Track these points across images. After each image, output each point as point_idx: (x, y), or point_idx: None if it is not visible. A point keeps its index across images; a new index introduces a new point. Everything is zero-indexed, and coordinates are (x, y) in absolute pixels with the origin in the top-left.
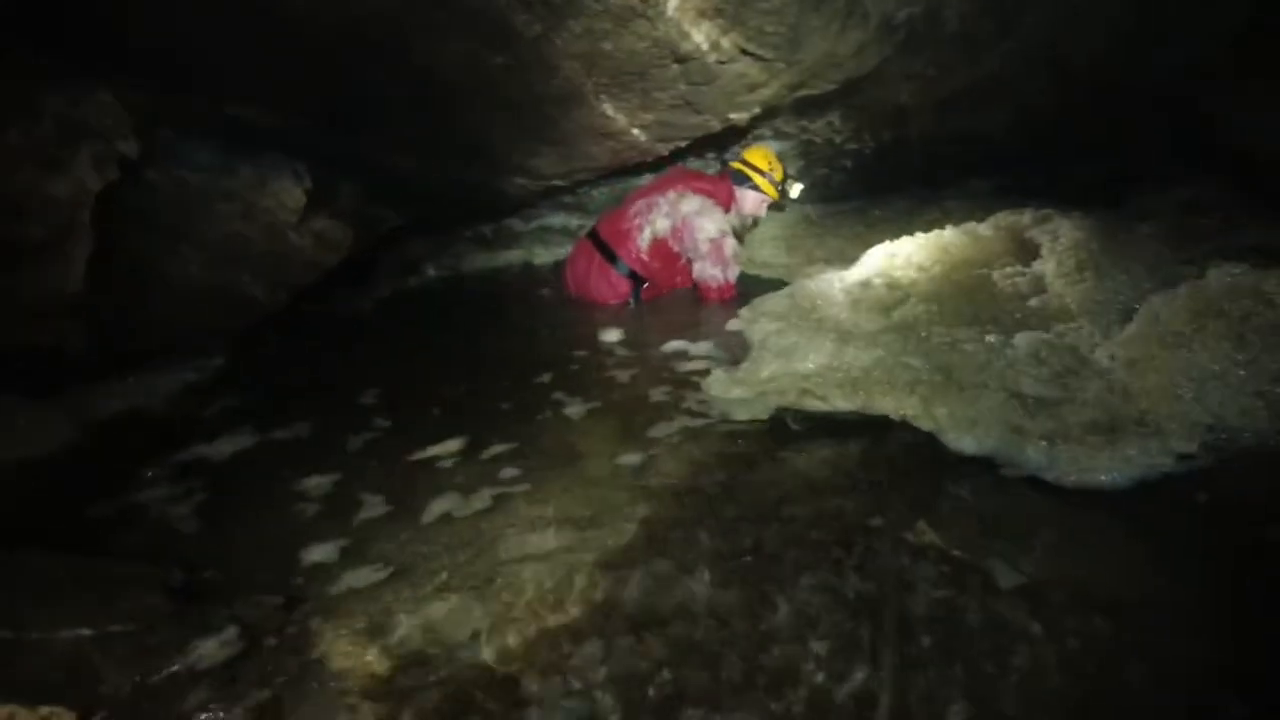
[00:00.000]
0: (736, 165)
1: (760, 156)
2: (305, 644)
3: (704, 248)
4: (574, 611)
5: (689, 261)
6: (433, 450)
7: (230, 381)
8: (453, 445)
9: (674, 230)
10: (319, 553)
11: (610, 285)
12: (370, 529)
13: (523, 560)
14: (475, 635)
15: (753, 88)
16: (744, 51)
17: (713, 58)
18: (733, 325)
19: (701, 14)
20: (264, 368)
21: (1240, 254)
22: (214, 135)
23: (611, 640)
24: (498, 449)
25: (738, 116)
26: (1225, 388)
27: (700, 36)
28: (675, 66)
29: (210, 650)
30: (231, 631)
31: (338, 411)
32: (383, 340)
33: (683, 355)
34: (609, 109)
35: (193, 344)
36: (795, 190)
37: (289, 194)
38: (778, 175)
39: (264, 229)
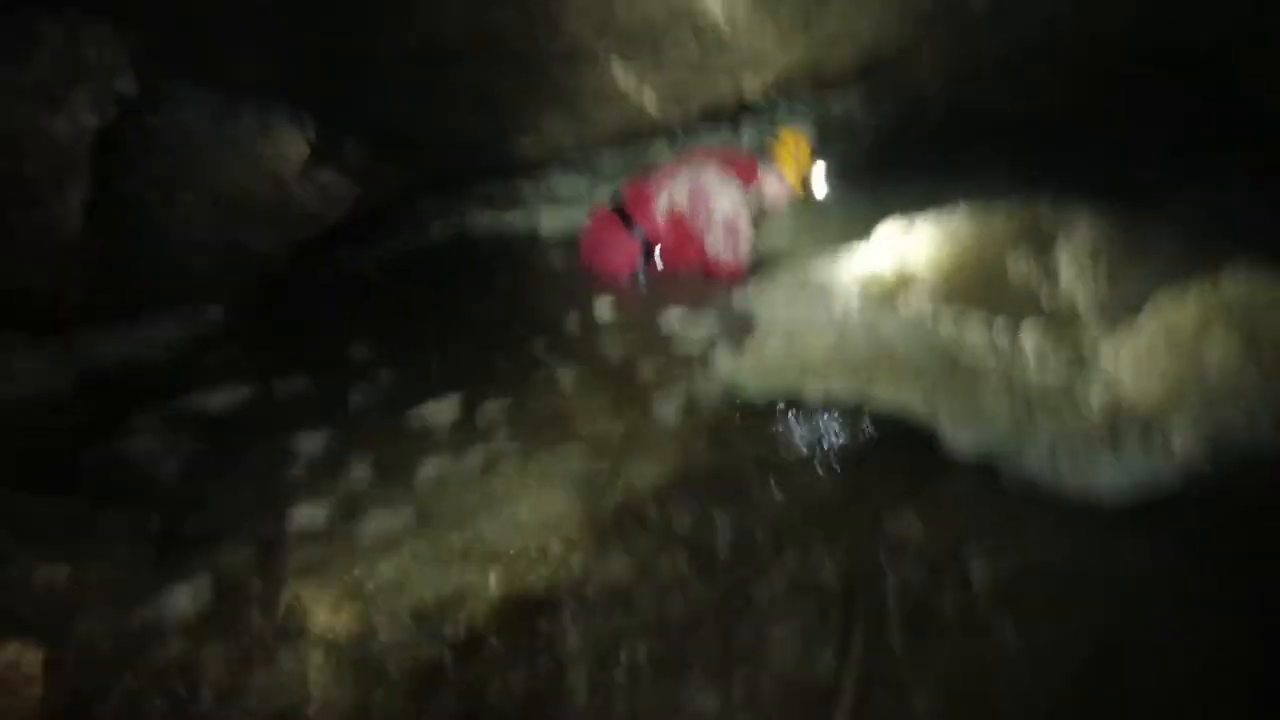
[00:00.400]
0: (770, 141)
1: (791, 139)
2: (279, 600)
3: (719, 223)
4: (549, 582)
5: (701, 237)
6: (428, 410)
7: (229, 334)
8: (447, 406)
9: (690, 199)
10: (302, 510)
11: (621, 248)
12: (357, 489)
13: (504, 528)
14: (451, 600)
15: (767, 60)
16: (760, 23)
17: (728, 28)
18: (739, 303)
19: None
20: (263, 322)
21: (1257, 256)
22: (216, 82)
23: (584, 613)
24: (492, 413)
25: (751, 87)
26: (1231, 394)
27: (716, 5)
28: (689, 33)
29: (184, 598)
30: (205, 581)
31: (334, 369)
32: (383, 299)
33: (686, 329)
34: (619, 72)
35: (194, 294)
36: (819, 188)
37: (292, 143)
38: (805, 165)
39: (267, 179)
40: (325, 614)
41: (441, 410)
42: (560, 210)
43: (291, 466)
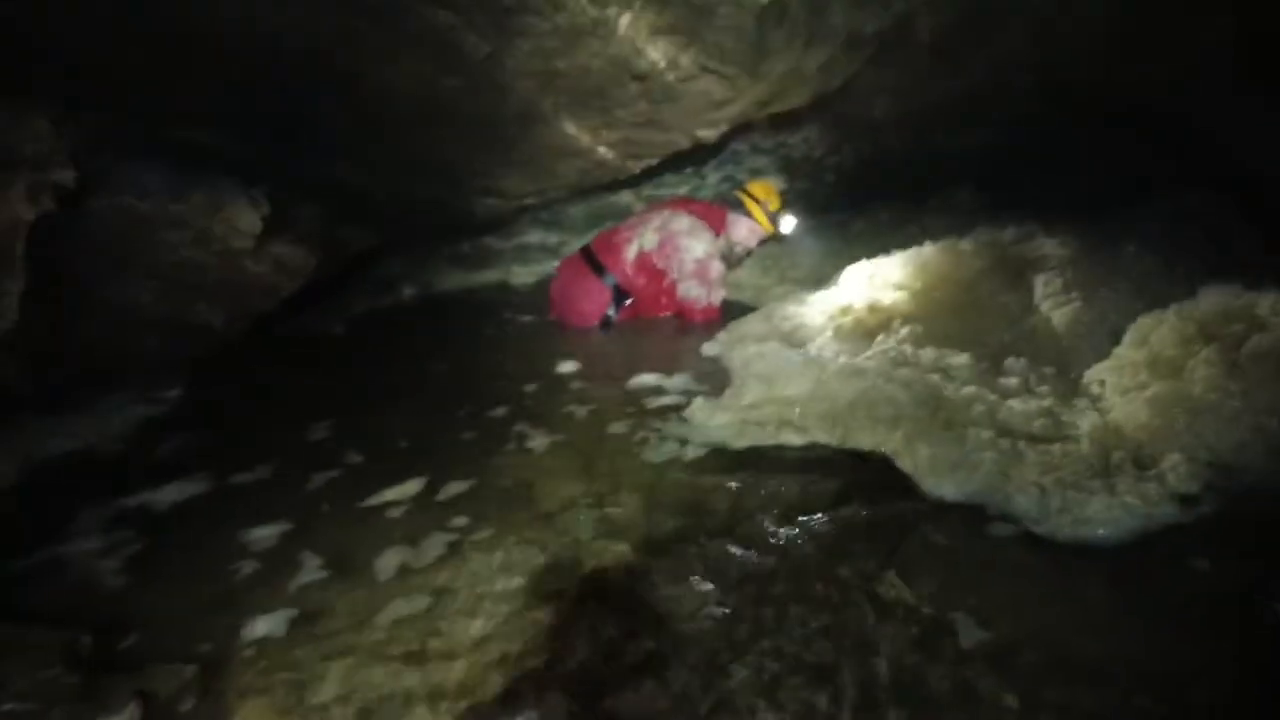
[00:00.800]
0: (737, 194)
1: (759, 188)
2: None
3: (689, 266)
4: (513, 679)
5: (673, 283)
6: (389, 494)
7: (185, 417)
8: (411, 488)
9: (661, 245)
10: (251, 617)
11: (589, 295)
12: (311, 588)
13: (466, 621)
14: (408, 707)
15: (719, 105)
16: (705, 69)
17: (672, 75)
18: (710, 350)
19: (656, 31)
20: (223, 400)
21: (1231, 274)
22: (163, 159)
23: (549, 713)
24: (455, 490)
25: (706, 133)
26: (1220, 420)
27: (657, 54)
28: (634, 85)
29: None
30: (133, 711)
31: (294, 449)
32: (349, 366)
33: (660, 384)
34: (571, 128)
35: (148, 376)
36: (787, 224)
37: (244, 219)
38: (773, 206)
39: (218, 256)
40: None
41: (403, 493)
42: (530, 265)
43: (242, 567)
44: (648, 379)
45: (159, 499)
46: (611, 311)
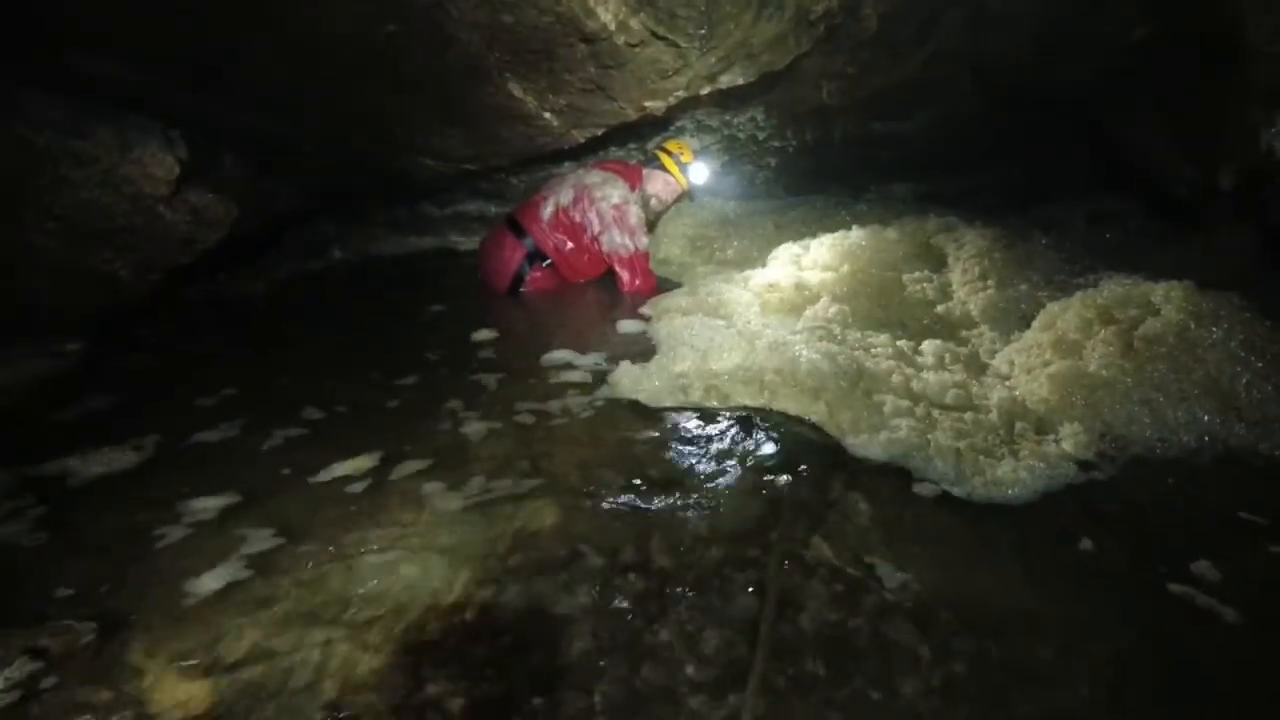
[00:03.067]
0: (655, 151)
1: (674, 144)
2: (117, 678)
3: (608, 214)
4: (433, 635)
5: (594, 239)
6: (300, 456)
7: (89, 374)
8: (353, 460)
9: (576, 200)
10: (168, 579)
11: (503, 256)
12: (230, 551)
13: (383, 580)
14: (320, 668)
15: (666, 74)
16: (655, 34)
17: (622, 39)
18: (639, 323)
19: None
20: (128, 359)
21: (1135, 265)
22: (67, 91)
23: (473, 668)
24: (376, 457)
25: (654, 105)
26: (1113, 395)
27: (607, 15)
28: (583, 46)
29: None
30: (25, 666)
31: (199, 412)
32: (259, 329)
33: (584, 352)
34: (516, 89)
35: (47, 327)
36: (698, 173)
37: (157, 161)
38: (685, 158)
39: (129, 200)
40: (172, 690)
41: (323, 460)
42: (469, 234)
43: (160, 532)
44: (575, 345)
45: (58, 458)
46: (524, 271)
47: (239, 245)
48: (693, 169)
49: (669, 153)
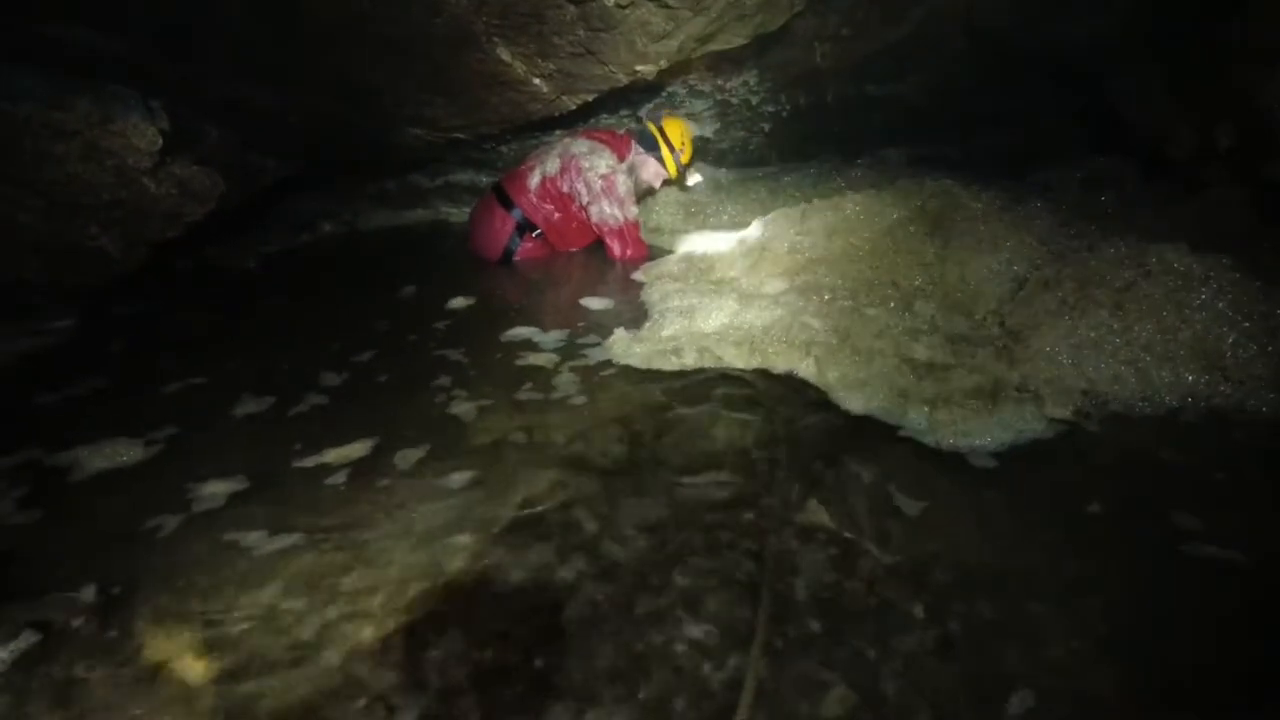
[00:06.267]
0: (650, 126)
1: (675, 129)
2: (120, 648)
3: (596, 184)
4: (436, 602)
5: (582, 209)
6: (298, 437)
7: (76, 350)
8: (331, 435)
9: (563, 170)
10: (168, 552)
11: (492, 228)
12: (226, 522)
13: (387, 547)
14: (323, 637)
15: (657, 37)
16: None
17: (612, 1)
18: (629, 288)
19: None
20: (116, 335)
21: (1129, 228)
22: (44, 61)
23: (475, 635)
24: (376, 429)
25: (645, 69)
26: (1100, 355)
27: None
28: (572, 8)
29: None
30: (28, 639)
31: (183, 392)
32: (249, 306)
33: (574, 319)
34: (505, 55)
35: (29, 304)
36: (693, 180)
37: (139, 133)
38: (685, 157)
39: (112, 173)
40: (177, 658)
41: (321, 440)
42: (460, 205)
43: (157, 509)
44: (566, 313)
45: (54, 443)
46: (514, 244)
47: (226, 219)
48: (690, 175)
49: (668, 142)
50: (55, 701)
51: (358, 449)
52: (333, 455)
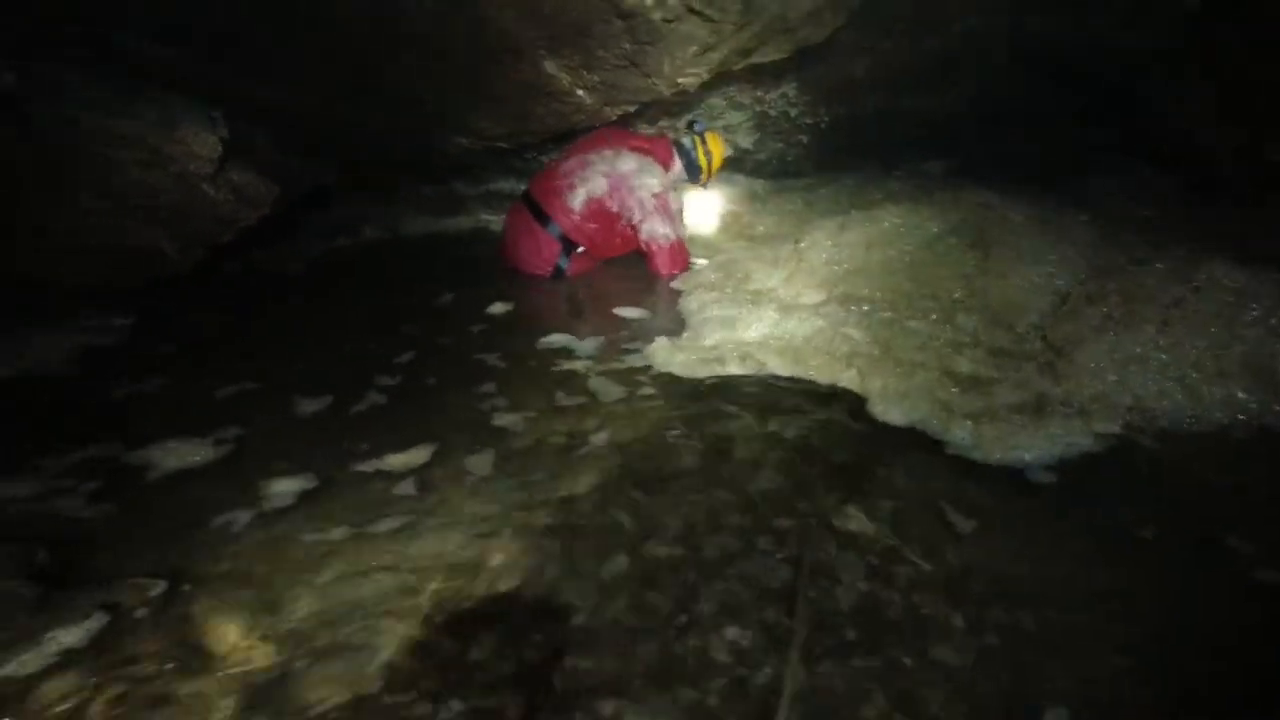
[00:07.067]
0: (695, 140)
1: (717, 145)
2: (183, 632)
3: (649, 203)
4: (479, 602)
5: (629, 224)
6: (356, 440)
7: (139, 348)
8: (383, 441)
9: (612, 190)
10: (227, 543)
11: (537, 248)
12: (279, 511)
13: (434, 546)
14: (375, 631)
15: (702, 50)
16: (691, 10)
17: (658, 15)
18: (670, 300)
19: None
20: (174, 335)
21: (1175, 243)
22: (108, 71)
23: (516, 633)
24: (422, 430)
25: (687, 81)
26: (1146, 371)
27: None
28: (619, 22)
29: (71, 641)
30: (100, 620)
31: (266, 392)
32: (297, 308)
33: (617, 329)
34: (550, 67)
35: (93, 302)
36: (711, 188)
37: (201, 141)
38: (715, 163)
39: (174, 179)
40: (237, 642)
41: (376, 443)
42: (499, 212)
43: (217, 505)
44: (608, 324)
45: (123, 439)
46: (563, 263)
47: (273, 222)
48: (711, 184)
49: (709, 156)
50: (119, 678)
51: (416, 454)
52: (392, 459)
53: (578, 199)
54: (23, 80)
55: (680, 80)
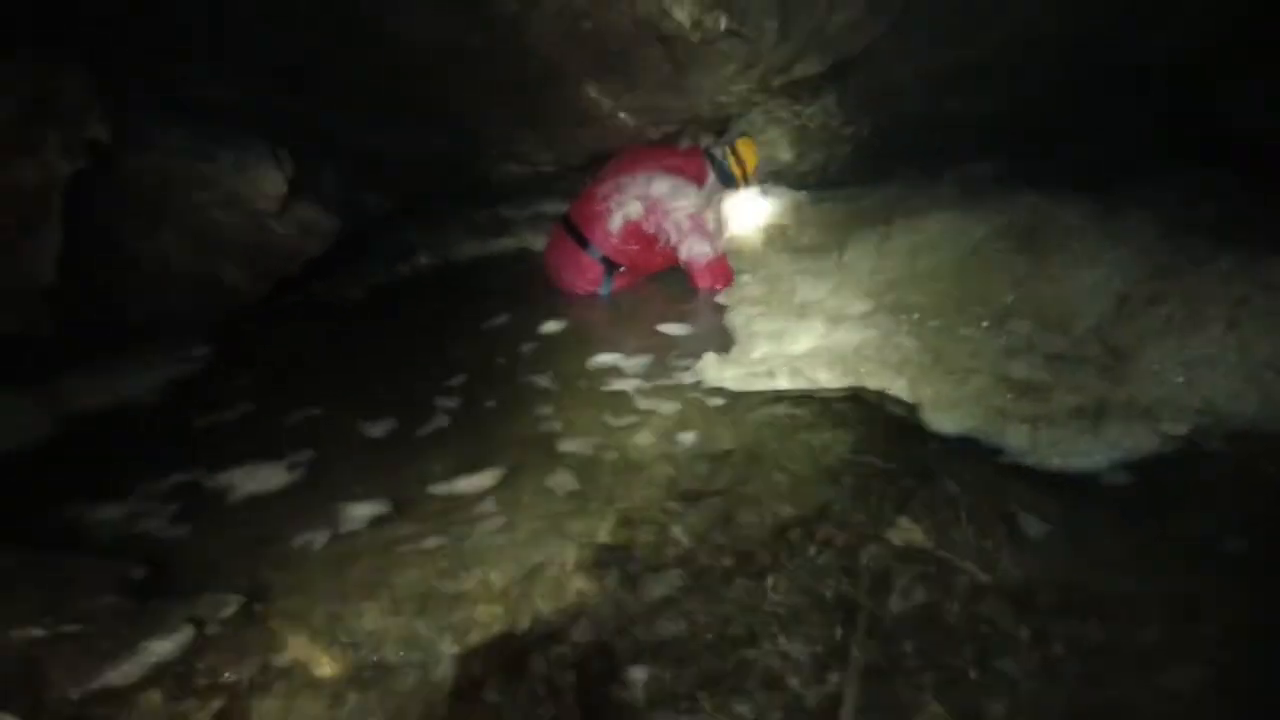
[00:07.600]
0: (727, 151)
1: (748, 150)
2: (260, 644)
3: (685, 224)
4: (542, 614)
5: (671, 246)
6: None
7: (216, 377)
8: (449, 464)
9: (647, 214)
10: (302, 560)
11: (581, 271)
12: (353, 533)
13: (496, 565)
14: (438, 647)
15: (741, 69)
16: (729, 30)
17: (697, 36)
18: (715, 314)
19: None
20: (246, 363)
21: (1237, 243)
22: (187, 116)
23: (578, 643)
24: (482, 451)
25: (726, 99)
26: (1215, 372)
27: (683, 14)
28: (659, 47)
29: (164, 652)
30: (188, 633)
31: (338, 420)
32: (361, 335)
33: (666, 345)
34: (593, 91)
35: (173, 333)
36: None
37: (270, 181)
38: (749, 168)
39: (245, 217)
40: (314, 657)
41: (445, 466)
42: (544, 234)
43: (279, 511)
44: (655, 340)
45: (201, 453)
46: (606, 285)
47: (333, 251)
48: (748, 187)
49: (742, 164)
50: (206, 687)
51: (485, 477)
52: (461, 482)
53: (615, 223)
54: (116, 129)
55: (720, 98)
